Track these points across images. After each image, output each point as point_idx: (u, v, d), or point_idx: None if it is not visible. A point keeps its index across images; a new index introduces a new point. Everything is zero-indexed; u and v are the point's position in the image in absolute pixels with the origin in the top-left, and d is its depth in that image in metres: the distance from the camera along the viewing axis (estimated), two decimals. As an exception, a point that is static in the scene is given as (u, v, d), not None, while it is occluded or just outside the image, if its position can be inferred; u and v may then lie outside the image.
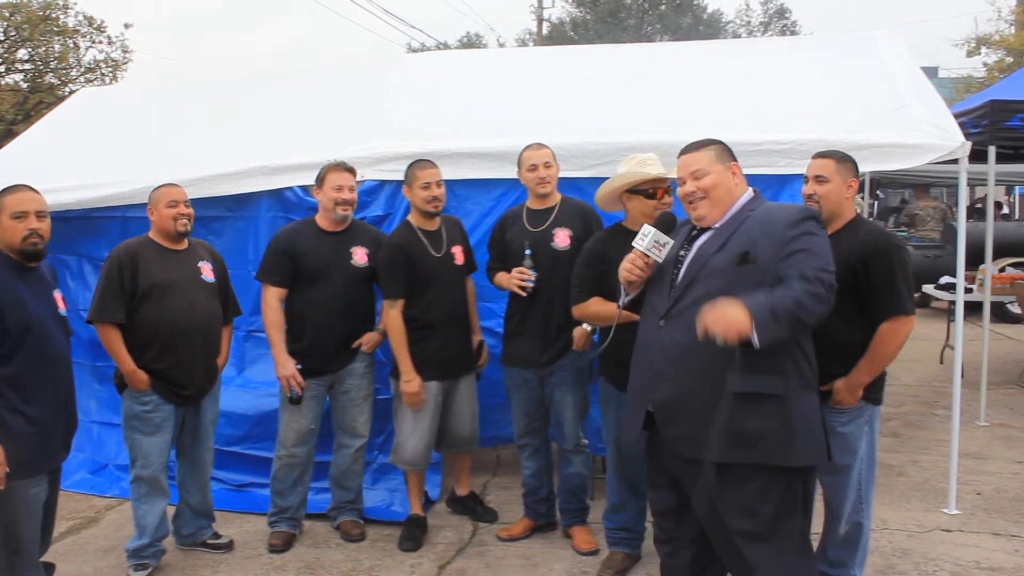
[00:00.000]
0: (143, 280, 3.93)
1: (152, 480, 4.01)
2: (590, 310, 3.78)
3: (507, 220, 4.36)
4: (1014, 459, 5.66)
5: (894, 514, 4.64)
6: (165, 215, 4.03)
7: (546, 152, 4.20)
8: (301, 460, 4.39)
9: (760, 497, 2.72)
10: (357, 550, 4.34)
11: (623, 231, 3.81)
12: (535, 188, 4.21)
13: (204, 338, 4.07)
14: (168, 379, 3.96)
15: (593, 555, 4.18)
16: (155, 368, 3.93)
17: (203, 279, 4.12)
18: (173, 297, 3.96)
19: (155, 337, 3.93)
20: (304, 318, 4.31)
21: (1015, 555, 4.18)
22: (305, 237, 4.32)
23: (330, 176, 4.28)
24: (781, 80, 5.17)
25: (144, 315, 3.93)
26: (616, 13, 33.07)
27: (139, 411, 3.96)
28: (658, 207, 3.67)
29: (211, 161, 5.13)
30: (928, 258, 11.48)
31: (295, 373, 4.23)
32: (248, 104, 6.10)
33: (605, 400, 3.92)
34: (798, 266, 2.63)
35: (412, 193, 4.22)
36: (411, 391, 4.16)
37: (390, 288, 4.18)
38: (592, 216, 4.26)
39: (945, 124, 4.42)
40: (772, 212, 2.81)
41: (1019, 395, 7.44)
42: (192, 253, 4.15)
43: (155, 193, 4.09)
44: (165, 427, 4.00)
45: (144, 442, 3.98)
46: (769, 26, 35.85)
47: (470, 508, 4.66)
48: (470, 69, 6.01)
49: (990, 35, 20.97)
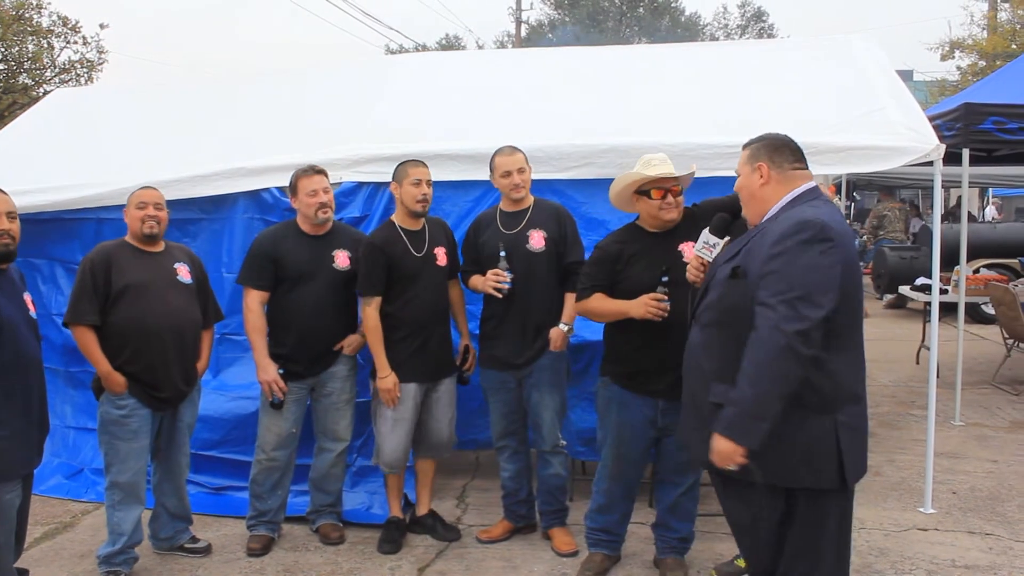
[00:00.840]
0: (117, 281, 3.90)
1: (129, 487, 3.97)
2: (589, 305, 3.78)
3: (480, 223, 4.35)
4: (988, 458, 5.72)
5: (871, 514, 4.67)
6: (134, 216, 4.01)
7: (519, 157, 4.19)
8: (281, 464, 4.36)
9: (754, 516, 2.72)
10: (336, 553, 4.32)
11: (636, 230, 3.82)
12: (509, 194, 4.20)
13: (179, 339, 4.02)
14: (144, 381, 3.92)
15: (573, 556, 4.18)
16: (130, 370, 3.90)
17: (179, 280, 4.08)
18: (147, 298, 3.93)
19: (128, 338, 3.90)
20: (286, 322, 4.29)
21: (989, 553, 4.22)
22: (287, 240, 4.29)
23: (302, 182, 4.25)
24: (757, 83, 5.20)
25: (118, 316, 3.90)
26: (594, 16, 33.19)
27: (116, 416, 3.91)
28: (662, 207, 3.68)
29: (187, 162, 5.09)
30: (904, 259, 11.59)
31: (277, 378, 4.21)
32: (225, 106, 6.06)
33: (606, 401, 3.85)
34: (766, 290, 2.56)
35: (401, 189, 4.19)
36: (386, 387, 4.14)
37: (365, 285, 4.17)
38: (566, 217, 4.27)
39: (920, 127, 4.46)
40: (778, 223, 2.68)
41: (993, 395, 7.52)
42: (168, 255, 4.12)
43: (131, 195, 4.08)
44: (142, 432, 3.97)
45: (121, 447, 3.94)
46: (746, 29, 36.10)
47: (430, 528, 4.51)
48: (449, 71, 6.01)
49: (963, 39, 21.25)
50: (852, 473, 2.63)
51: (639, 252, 3.73)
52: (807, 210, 2.66)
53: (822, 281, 2.51)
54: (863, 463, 2.72)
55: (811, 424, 2.59)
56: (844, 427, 2.61)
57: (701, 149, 4.42)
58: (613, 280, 3.73)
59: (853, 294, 2.63)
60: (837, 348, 2.59)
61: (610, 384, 3.82)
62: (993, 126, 5.73)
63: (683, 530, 3.93)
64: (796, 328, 2.48)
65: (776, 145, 2.83)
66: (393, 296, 4.17)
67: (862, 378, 2.73)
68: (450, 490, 5.14)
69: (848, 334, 2.65)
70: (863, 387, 2.73)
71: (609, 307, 3.72)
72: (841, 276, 2.55)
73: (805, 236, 2.55)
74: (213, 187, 4.95)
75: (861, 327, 2.74)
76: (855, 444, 2.64)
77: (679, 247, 3.67)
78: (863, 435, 2.71)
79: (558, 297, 4.16)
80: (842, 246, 2.57)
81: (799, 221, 2.60)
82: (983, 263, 11.33)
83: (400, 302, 4.17)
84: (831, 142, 4.26)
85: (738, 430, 2.56)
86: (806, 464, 2.60)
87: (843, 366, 2.62)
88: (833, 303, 2.51)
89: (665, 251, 3.68)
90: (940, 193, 4.81)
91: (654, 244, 3.72)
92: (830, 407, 2.60)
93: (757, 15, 36.64)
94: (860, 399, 2.69)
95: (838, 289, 2.53)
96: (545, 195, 4.50)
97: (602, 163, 4.55)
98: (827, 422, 2.60)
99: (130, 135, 5.79)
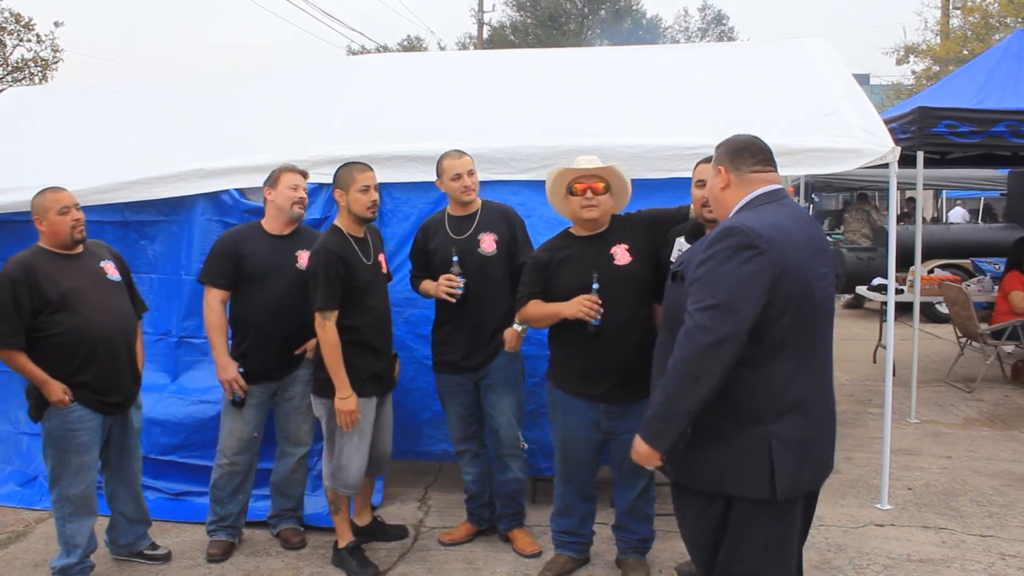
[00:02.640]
0: (49, 292, 3.73)
1: (80, 499, 3.87)
2: (527, 312, 3.80)
3: (428, 229, 4.29)
4: (942, 454, 5.83)
5: (830, 511, 4.74)
6: (58, 223, 3.83)
7: (467, 160, 4.17)
8: (242, 468, 4.31)
9: (696, 519, 2.73)
10: (298, 558, 4.28)
11: (567, 237, 3.86)
12: (460, 197, 4.16)
13: (125, 340, 3.95)
14: (96, 389, 3.82)
15: (536, 557, 4.19)
16: (82, 379, 3.78)
17: (109, 279, 3.97)
18: (86, 303, 3.80)
19: (77, 347, 3.77)
20: (247, 322, 4.25)
21: (943, 547, 4.30)
22: (250, 240, 4.25)
23: (285, 176, 4.25)
24: (716, 85, 5.25)
25: (61, 327, 3.74)
26: (556, 18, 33.28)
27: (65, 431, 3.79)
28: (583, 203, 3.69)
29: (145, 164, 5.02)
30: (861, 260, 11.78)
31: (237, 376, 4.15)
32: (184, 106, 5.98)
33: (552, 405, 3.90)
34: (691, 296, 2.52)
35: (348, 196, 3.98)
36: (349, 408, 3.90)
37: (327, 298, 3.87)
38: (515, 218, 4.28)
39: (876, 129, 4.52)
40: (714, 229, 2.64)
41: (947, 392, 7.67)
42: (90, 255, 3.97)
43: (40, 200, 3.85)
44: (93, 443, 3.87)
45: (72, 461, 3.82)
46: (707, 32, 36.46)
47: (381, 534, 4.45)
48: (410, 72, 5.99)
49: (918, 44, 21.66)
50: (784, 486, 2.52)
51: (568, 258, 3.75)
52: (745, 216, 2.61)
53: (742, 290, 2.44)
54: (805, 477, 2.60)
55: (745, 433, 2.54)
56: (778, 439, 2.51)
57: (660, 151, 4.46)
58: (546, 286, 3.75)
59: (794, 300, 2.50)
60: (776, 355, 2.51)
61: (554, 389, 3.85)
62: (946, 129, 5.86)
63: (642, 531, 3.96)
64: (711, 337, 2.42)
65: (737, 148, 2.78)
66: (350, 309, 3.95)
67: (811, 387, 2.60)
68: (412, 493, 5.12)
69: (793, 342, 2.53)
70: (815, 396, 2.61)
71: (543, 310, 3.74)
72: (770, 283, 2.45)
73: (731, 243, 2.48)
74: (171, 189, 4.88)
75: (813, 334, 2.61)
76: (791, 457, 2.53)
77: (610, 251, 3.70)
78: (805, 448, 2.57)
79: (511, 298, 4.13)
80: (773, 253, 2.46)
81: (727, 228, 2.54)
82: (937, 263, 11.55)
83: (358, 315, 3.98)
84: (788, 144, 4.31)
85: (650, 432, 2.57)
86: (735, 472, 2.55)
87: (782, 374, 2.52)
88: (754, 312, 2.43)
89: (594, 255, 3.71)
90: (896, 195, 4.89)
91: (583, 249, 3.75)
92: (764, 417, 2.52)
93: (717, 18, 37.05)
94: (804, 409, 2.56)
95: (762, 298, 2.44)
96: (505, 196, 4.51)
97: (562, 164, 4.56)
98: (760, 432, 2.52)
99: (85, 135, 5.69)
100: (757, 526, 2.60)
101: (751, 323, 2.44)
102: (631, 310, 3.65)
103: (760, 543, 2.61)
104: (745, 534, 2.61)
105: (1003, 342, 7.67)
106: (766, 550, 2.61)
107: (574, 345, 3.73)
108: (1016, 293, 7.67)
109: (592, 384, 3.70)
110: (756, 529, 2.60)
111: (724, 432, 2.56)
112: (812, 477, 2.65)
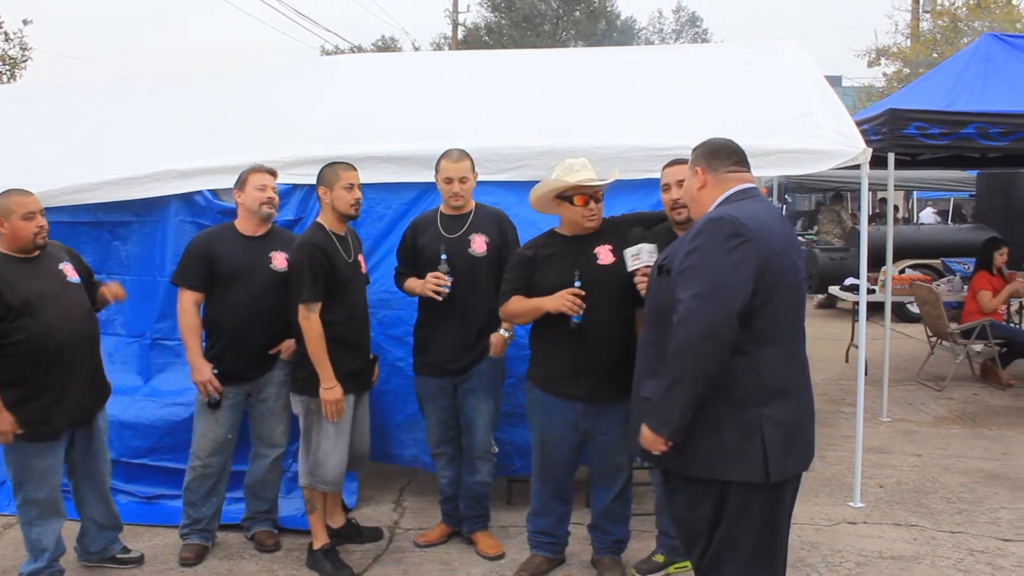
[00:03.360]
0: (12, 299, 3.63)
1: (47, 502, 3.79)
2: (509, 308, 3.79)
3: (419, 225, 4.29)
4: (913, 452, 5.90)
5: (803, 509, 4.77)
6: (22, 228, 3.72)
7: (465, 165, 4.13)
8: (216, 470, 4.26)
9: (689, 507, 2.77)
10: (272, 560, 4.25)
11: (552, 236, 3.86)
12: (448, 201, 4.17)
13: (90, 346, 3.90)
14: (60, 400, 3.72)
15: (500, 559, 4.20)
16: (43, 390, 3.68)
17: (70, 281, 3.88)
18: (48, 308, 3.70)
19: (40, 353, 3.68)
20: (221, 323, 4.20)
21: (914, 543, 4.36)
22: (224, 241, 4.21)
23: (252, 177, 4.21)
24: (689, 86, 5.28)
25: (25, 332, 3.64)
26: (531, 19, 33.29)
27: (32, 449, 3.72)
28: (585, 214, 3.71)
29: (117, 164, 4.96)
30: (834, 260, 11.89)
31: (212, 378, 4.11)
32: (156, 106, 5.93)
33: (531, 404, 3.90)
34: (681, 285, 2.61)
35: (332, 194, 4.03)
36: (334, 398, 3.91)
37: (310, 290, 3.91)
38: (507, 222, 4.28)
39: (848, 131, 4.57)
40: (698, 222, 2.75)
41: (918, 391, 7.77)
42: (49, 257, 3.88)
43: (5, 201, 3.73)
44: (58, 446, 3.81)
45: (36, 465, 3.74)
46: (681, 34, 36.62)
47: (355, 536, 4.44)
48: (384, 72, 5.97)
49: (889, 47, 21.92)
50: (776, 468, 2.63)
51: (552, 256, 3.76)
52: (728, 208, 2.72)
53: (732, 276, 2.55)
54: (796, 459, 2.72)
55: (737, 417, 2.63)
56: (769, 421, 2.62)
57: (634, 151, 4.48)
58: (529, 283, 3.76)
59: (778, 289, 2.63)
60: (763, 342, 2.63)
61: (532, 388, 3.85)
62: (916, 131, 5.92)
63: (618, 532, 3.97)
64: (705, 322, 2.53)
65: (714, 149, 2.89)
66: (331, 304, 3.98)
67: (795, 374, 2.73)
68: (387, 495, 5.10)
69: (778, 330, 2.67)
70: (797, 382, 2.73)
71: (525, 305, 3.74)
72: (757, 270, 2.57)
73: (718, 232, 2.60)
74: (144, 189, 4.83)
75: (793, 322, 2.74)
76: (781, 439, 2.64)
77: (594, 250, 3.72)
78: (793, 431, 2.68)
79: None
80: (757, 241, 2.58)
81: (713, 218, 2.67)
82: (908, 263, 11.68)
83: (339, 311, 4.02)
84: (762, 145, 4.34)
85: (655, 419, 2.65)
86: (731, 457, 2.64)
87: (769, 360, 2.64)
88: (744, 297, 2.55)
89: (578, 254, 3.72)
90: (867, 196, 4.94)
91: (568, 248, 3.76)
92: (755, 401, 2.63)
93: (691, 20, 37.22)
94: (790, 394, 2.69)
95: (750, 283, 2.56)
96: (480, 197, 4.51)
97: (536, 165, 4.56)
98: (752, 415, 2.62)
99: (55, 135, 5.61)
100: (752, 510, 2.69)
101: (742, 307, 2.55)
102: (612, 310, 3.67)
103: (755, 528, 2.70)
104: (740, 520, 2.69)
105: (972, 341, 7.77)
106: (761, 535, 2.70)
107: (555, 343, 3.73)
108: (984, 293, 7.79)
109: (571, 383, 3.70)
110: (751, 513, 2.69)
111: (717, 419, 2.64)
112: (799, 461, 2.76)
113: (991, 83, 6.77)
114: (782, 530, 2.81)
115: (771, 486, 2.66)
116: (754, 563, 2.72)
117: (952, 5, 20.69)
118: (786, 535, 2.85)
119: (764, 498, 2.68)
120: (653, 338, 2.77)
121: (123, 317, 4.89)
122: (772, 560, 2.77)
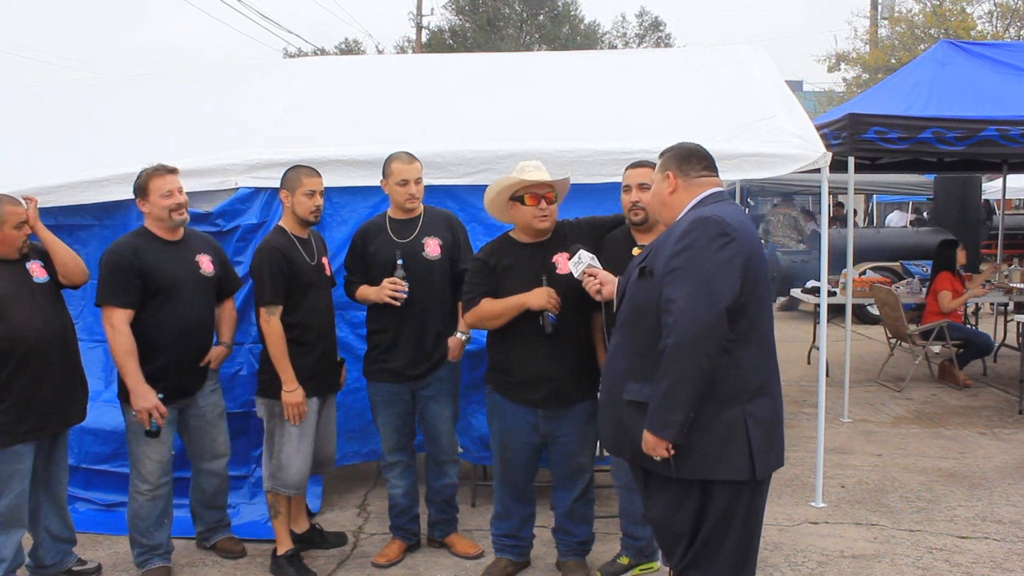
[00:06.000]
0: None
1: (10, 510, 3.66)
2: (481, 311, 3.74)
3: (368, 232, 4.20)
4: (874, 452, 5.98)
5: (766, 509, 4.78)
6: (12, 236, 3.65)
7: (417, 167, 4.10)
8: (166, 490, 4.03)
9: (671, 509, 2.78)
10: (235, 567, 4.20)
11: (508, 242, 3.85)
12: (403, 204, 4.10)
13: (63, 349, 3.78)
14: (29, 403, 3.62)
15: (479, 558, 4.19)
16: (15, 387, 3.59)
17: (36, 281, 3.75)
18: (16, 309, 3.61)
19: (10, 354, 3.59)
20: (157, 340, 3.89)
21: (874, 542, 4.42)
22: (149, 250, 3.91)
23: (153, 183, 3.90)
24: (652, 90, 5.32)
25: None
26: (495, 22, 33.26)
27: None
28: (536, 215, 3.70)
29: (76, 166, 4.87)
30: (795, 263, 12.03)
31: (158, 403, 3.82)
32: (117, 108, 5.83)
33: (491, 408, 3.89)
34: (671, 286, 2.63)
35: (293, 198, 3.99)
36: (296, 401, 3.89)
37: (272, 293, 3.86)
38: (457, 224, 4.27)
39: (808, 135, 4.62)
40: (681, 223, 2.76)
41: (878, 391, 7.88)
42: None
43: None
44: (26, 454, 3.68)
45: (2, 470, 3.63)
46: (644, 38, 36.82)
47: (319, 542, 4.38)
48: (348, 75, 5.94)
49: (848, 53, 22.29)
50: (761, 465, 2.69)
51: (511, 266, 3.75)
52: (708, 209, 2.75)
53: (722, 274, 2.60)
54: (774, 456, 2.77)
55: (723, 416, 2.66)
56: (752, 419, 2.68)
57: (597, 155, 4.50)
58: (493, 287, 3.74)
59: (756, 288, 2.69)
60: (744, 341, 2.67)
61: (492, 392, 3.85)
62: (875, 136, 6.02)
63: (581, 534, 3.97)
64: (700, 321, 2.56)
65: (684, 154, 2.92)
66: (292, 307, 3.94)
67: (771, 372, 2.80)
68: (351, 500, 5.07)
69: (754, 327, 2.71)
70: (773, 380, 2.80)
71: (504, 304, 3.68)
72: (743, 269, 2.62)
73: (705, 231, 2.64)
74: (103, 193, 4.73)
75: (767, 321, 2.79)
76: (764, 436, 2.70)
77: (552, 259, 3.72)
78: (773, 428, 2.75)
79: (454, 305, 4.14)
80: (742, 240, 2.64)
81: (698, 218, 2.70)
82: (868, 266, 11.85)
83: (301, 313, 3.97)
84: (723, 149, 4.34)
85: (656, 423, 2.63)
86: (717, 456, 2.67)
87: (750, 358, 2.69)
88: (733, 294, 2.59)
89: (539, 264, 3.72)
90: (827, 199, 5.01)
91: (527, 257, 3.75)
92: (739, 399, 2.67)
93: (654, 25, 37.43)
94: (768, 392, 2.75)
95: (739, 281, 2.61)
96: (444, 201, 4.50)
97: (501, 169, 4.53)
98: (737, 413, 2.67)
99: (12, 136, 5.50)
100: (737, 508, 2.73)
101: (731, 305, 2.58)
102: (572, 318, 3.67)
103: (738, 526, 2.75)
104: (724, 518, 2.73)
105: (931, 342, 7.91)
106: (742, 532, 2.76)
107: (512, 352, 3.73)
108: (944, 293, 7.90)
109: (531, 389, 3.70)
110: (736, 511, 2.73)
111: (702, 420, 2.65)
112: (777, 457, 2.82)
113: (947, 88, 6.91)
114: (759, 527, 2.86)
115: (754, 483, 2.72)
116: (733, 560, 2.76)
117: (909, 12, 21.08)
118: (760, 532, 2.89)
119: (748, 495, 2.74)
120: (633, 339, 2.79)
121: (84, 321, 4.79)
122: (748, 557, 2.83)
